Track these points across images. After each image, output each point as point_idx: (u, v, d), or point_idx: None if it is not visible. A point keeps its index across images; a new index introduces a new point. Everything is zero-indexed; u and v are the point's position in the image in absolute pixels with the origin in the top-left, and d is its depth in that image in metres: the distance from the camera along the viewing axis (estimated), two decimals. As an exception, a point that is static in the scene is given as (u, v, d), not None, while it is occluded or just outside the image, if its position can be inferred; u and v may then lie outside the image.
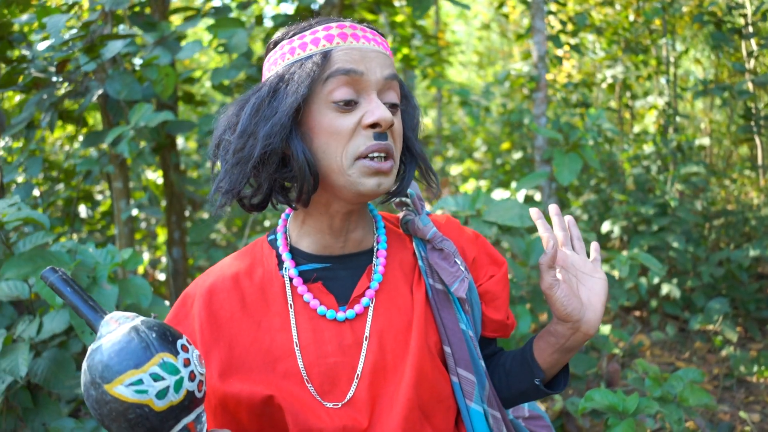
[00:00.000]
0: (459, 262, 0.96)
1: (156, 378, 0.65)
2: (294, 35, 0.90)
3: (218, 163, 0.92)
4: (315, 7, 3.01)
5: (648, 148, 4.82)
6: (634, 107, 6.01)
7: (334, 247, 0.96)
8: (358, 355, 0.91)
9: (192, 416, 0.68)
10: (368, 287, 0.95)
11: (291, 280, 0.94)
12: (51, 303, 1.56)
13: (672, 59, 5.14)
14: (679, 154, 4.38)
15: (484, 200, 2.28)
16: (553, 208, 1.00)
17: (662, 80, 5.33)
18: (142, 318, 0.72)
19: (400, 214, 1.07)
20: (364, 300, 0.93)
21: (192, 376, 0.69)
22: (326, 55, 0.86)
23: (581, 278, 0.96)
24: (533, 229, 4.08)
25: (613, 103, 6.21)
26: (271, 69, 0.92)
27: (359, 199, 0.89)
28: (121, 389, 0.64)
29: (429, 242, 1.00)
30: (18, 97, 3.47)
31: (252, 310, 0.93)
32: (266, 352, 0.90)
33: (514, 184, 2.67)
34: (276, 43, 0.93)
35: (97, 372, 0.66)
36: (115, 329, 0.69)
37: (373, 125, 0.85)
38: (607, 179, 4.97)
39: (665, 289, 3.54)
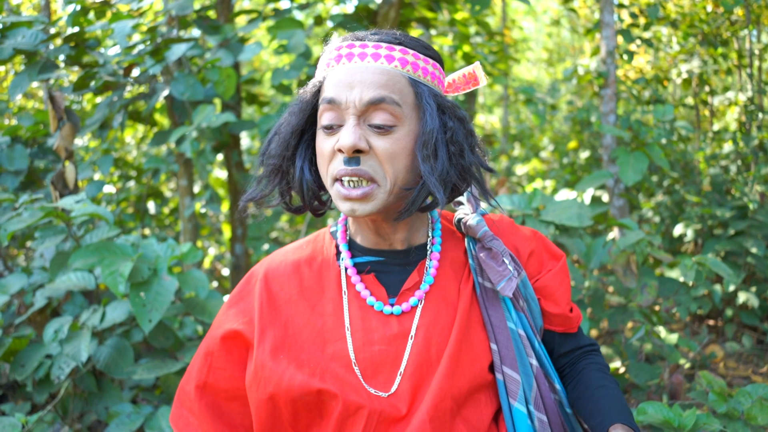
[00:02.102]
0: (507, 262, 0.97)
1: None
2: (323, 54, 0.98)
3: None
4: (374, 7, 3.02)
5: (727, 146, 4.52)
6: (712, 104, 5.66)
7: (382, 244, 1.01)
8: (403, 348, 0.94)
9: None
10: (418, 286, 0.99)
11: (346, 269, 1.01)
12: (115, 293, 1.65)
13: (756, 52, 4.79)
14: (761, 153, 4.08)
15: (541, 199, 2.22)
16: None
17: (744, 74, 4.99)
18: None
19: (456, 214, 1.09)
20: (413, 299, 0.97)
21: None
22: (323, 82, 0.94)
23: None
24: (594, 229, 3.91)
25: (690, 100, 5.87)
26: None
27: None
28: None
29: (479, 241, 1.02)
30: (99, 99, 3.69)
31: (308, 294, 1.00)
32: (317, 334, 0.96)
33: (581, 185, 2.57)
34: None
35: None
36: None
37: (341, 150, 0.90)
38: (682, 180, 4.71)
39: (742, 297, 3.30)
